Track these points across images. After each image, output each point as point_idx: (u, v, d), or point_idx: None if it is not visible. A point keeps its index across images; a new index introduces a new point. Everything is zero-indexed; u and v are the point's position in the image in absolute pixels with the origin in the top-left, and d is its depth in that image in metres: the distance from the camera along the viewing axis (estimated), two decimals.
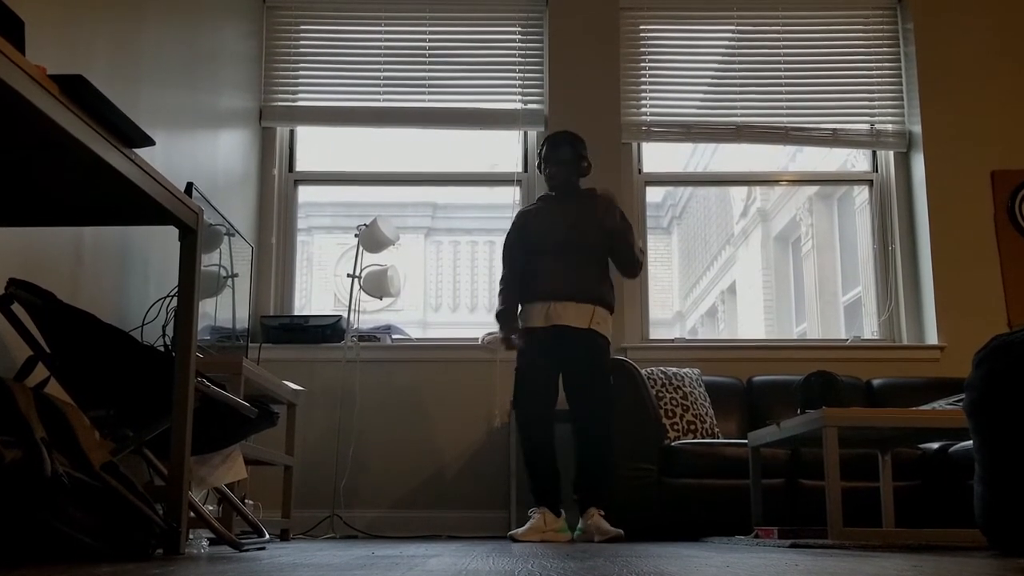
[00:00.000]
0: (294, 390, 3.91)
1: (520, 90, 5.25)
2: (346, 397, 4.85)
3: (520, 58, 5.29)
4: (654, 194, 6.30)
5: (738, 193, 10.00)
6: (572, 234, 4.08)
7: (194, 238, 2.24)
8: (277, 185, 5.18)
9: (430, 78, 5.26)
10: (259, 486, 4.68)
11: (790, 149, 5.90)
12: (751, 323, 10.00)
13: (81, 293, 2.96)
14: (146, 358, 2.28)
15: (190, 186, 3.06)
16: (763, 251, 9.89)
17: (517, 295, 4.15)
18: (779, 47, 5.32)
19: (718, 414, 4.59)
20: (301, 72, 5.24)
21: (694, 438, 4.29)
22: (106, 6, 3.15)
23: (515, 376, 4.05)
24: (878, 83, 5.29)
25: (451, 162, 5.39)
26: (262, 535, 3.06)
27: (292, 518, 3.92)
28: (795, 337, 8.45)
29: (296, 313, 5.16)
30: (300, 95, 5.22)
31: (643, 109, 5.23)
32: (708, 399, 4.52)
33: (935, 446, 4.09)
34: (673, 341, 5.08)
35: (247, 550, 2.49)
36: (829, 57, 5.32)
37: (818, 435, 3.29)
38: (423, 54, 5.28)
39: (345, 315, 4.84)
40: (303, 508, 4.71)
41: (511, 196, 5.28)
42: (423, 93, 5.24)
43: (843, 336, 5.30)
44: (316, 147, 5.36)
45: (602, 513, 3.90)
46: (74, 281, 2.91)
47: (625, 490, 4.06)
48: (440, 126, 5.23)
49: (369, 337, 4.93)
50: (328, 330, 4.82)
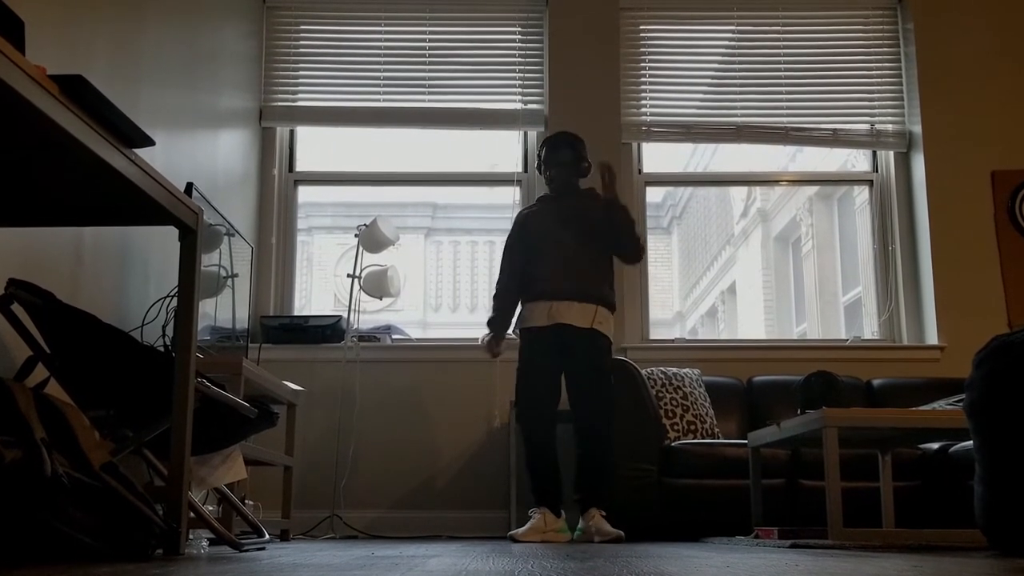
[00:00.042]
0: (294, 390, 3.91)
1: (520, 90, 5.25)
2: (346, 397, 4.85)
3: (520, 58, 5.29)
4: (654, 194, 6.30)
5: (738, 193, 9.99)
6: (572, 234, 4.08)
7: (194, 238, 2.24)
8: (277, 185, 5.17)
9: (430, 78, 5.26)
10: (259, 486, 4.67)
11: (790, 149, 5.90)
12: (751, 323, 9.99)
13: (81, 293, 2.95)
14: (146, 358, 2.28)
15: (190, 186, 3.05)
16: (763, 251, 9.88)
17: (511, 303, 4.15)
18: (779, 47, 5.32)
19: (718, 414, 4.59)
20: (301, 72, 5.24)
21: (694, 438, 4.29)
22: (106, 6, 3.15)
23: (517, 375, 4.05)
24: (878, 83, 5.29)
25: (451, 162, 5.39)
26: (262, 535, 3.06)
27: (292, 518, 3.92)
28: (795, 337, 8.44)
29: (296, 313, 5.16)
30: (300, 95, 5.22)
31: (643, 109, 5.23)
32: (708, 399, 4.52)
33: (935, 446, 4.09)
34: (673, 341, 5.08)
35: (247, 550, 2.49)
36: (829, 57, 5.32)
37: (818, 435, 3.29)
38: (423, 54, 5.28)
39: (345, 315, 4.83)
40: (303, 508, 4.71)
41: (511, 196, 5.28)
42: (423, 93, 5.24)
43: (843, 336, 5.30)
44: (316, 147, 5.36)
45: (603, 513, 3.90)
46: (74, 281, 2.91)
47: (625, 490, 4.06)
48: (440, 126, 5.23)
49: (369, 337, 4.92)
50: (328, 330, 4.81)
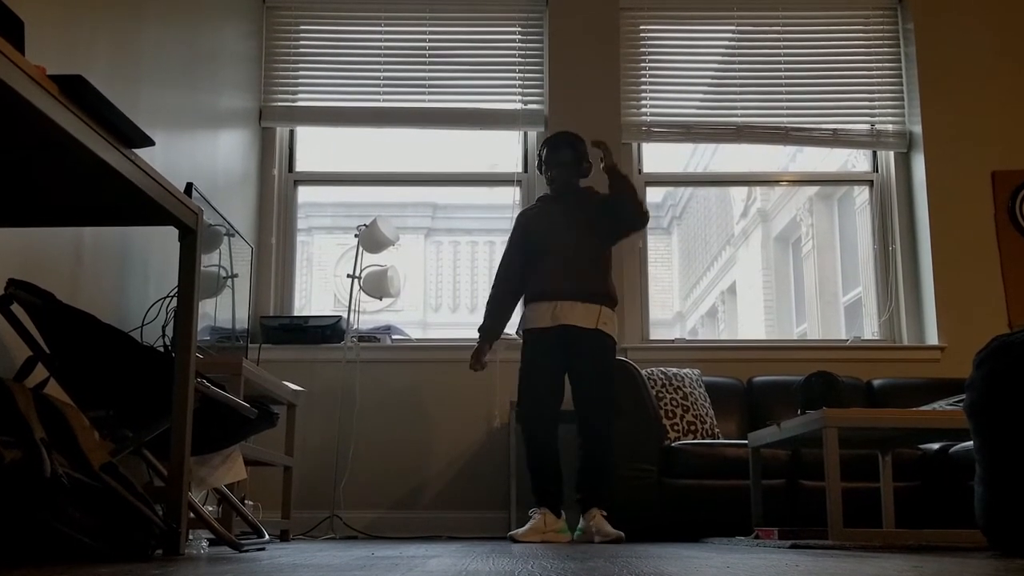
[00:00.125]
0: (294, 391, 3.91)
1: (520, 90, 5.25)
2: (346, 397, 4.85)
3: (520, 58, 5.29)
4: (654, 194, 6.30)
5: (738, 193, 9.99)
6: (573, 233, 4.07)
7: (194, 238, 2.24)
8: (277, 185, 5.17)
9: (430, 78, 5.26)
10: (259, 487, 4.67)
11: (790, 149, 5.90)
12: (751, 323, 9.99)
13: (81, 293, 2.95)
14: (146, 358, 2.28)
15: (190, 186, 3.05)
16: (763, 251, 9.88)
17: (503, 313, 4.14)
18: (779, 47, 5.32)
19: (718, 414, 4.59)
20: (301, 72, 5.23)
21: (694, 439, 4.29)
22: (106, 6, 3.15)
23: (519, 376, 4.03)
24: (878, 83, 5.29)
25: (451, 162, 5.39)
26: (262, 536, 3.06)
27: (292, 519, 3.92)
28: (795, 337, 8.44)
29: (296, 313, 5.16)
30: (300, 95, 5.21)
31: (643, 109, 5.23)
32: (708, 399, 4.52)
33: (935, 447, 4.09)
34: (673, 342, 5.07)
35: (247, 551, 2.49)
36: (829, 57, 5.32)
37: (818, 436, 3.29)
38: (423, 54, 5.28)
39: (345, 315, 4.83)
40: (303, 509, 4.71)
41: (511, 196, 5.28)
42: (423, 93, 5.24)
43: (843, 336, 5.30)
44: (316, 147, 5.36)
45: (604, 514, 3.89)
46: (74, 281, 2.91)
47: (625, 490, 4.06)
48: (440, 126, 5.23)
49: (369, 338, 4.92)
50: (328, 330, 4.81)
